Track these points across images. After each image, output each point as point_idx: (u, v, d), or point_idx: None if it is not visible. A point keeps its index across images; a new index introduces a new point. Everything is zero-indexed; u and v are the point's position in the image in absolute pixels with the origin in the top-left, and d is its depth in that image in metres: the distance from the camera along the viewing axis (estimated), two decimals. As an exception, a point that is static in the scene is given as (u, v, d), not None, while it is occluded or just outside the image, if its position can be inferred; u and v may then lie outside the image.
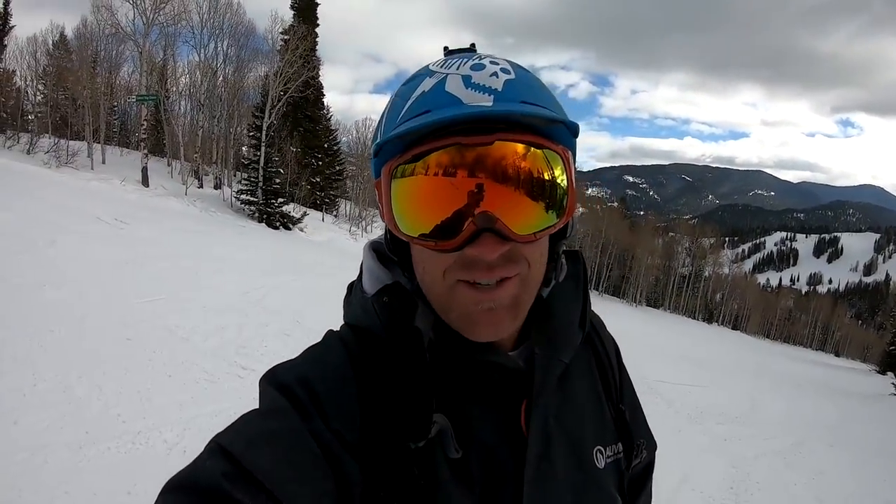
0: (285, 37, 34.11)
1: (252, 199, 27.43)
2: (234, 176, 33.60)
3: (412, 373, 0.71)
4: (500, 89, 0.66)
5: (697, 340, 26.37)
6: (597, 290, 54.94)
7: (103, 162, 30.01)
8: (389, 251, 0.79)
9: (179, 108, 38.61)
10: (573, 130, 0.70)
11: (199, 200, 26.15)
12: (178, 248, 13.14)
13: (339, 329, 0.81)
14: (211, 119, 36.08)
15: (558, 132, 0.69)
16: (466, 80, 0.66)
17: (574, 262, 0.88)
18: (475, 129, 0.63)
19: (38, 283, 7.52)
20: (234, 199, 28.38)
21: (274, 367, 0.73)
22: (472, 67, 0.68)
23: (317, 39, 39.26)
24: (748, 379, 16.53)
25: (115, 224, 14.53)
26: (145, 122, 30.07)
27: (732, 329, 62.11)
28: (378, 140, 0.69)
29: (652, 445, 1.01)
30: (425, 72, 0.71)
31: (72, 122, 35.48)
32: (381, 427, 0.68)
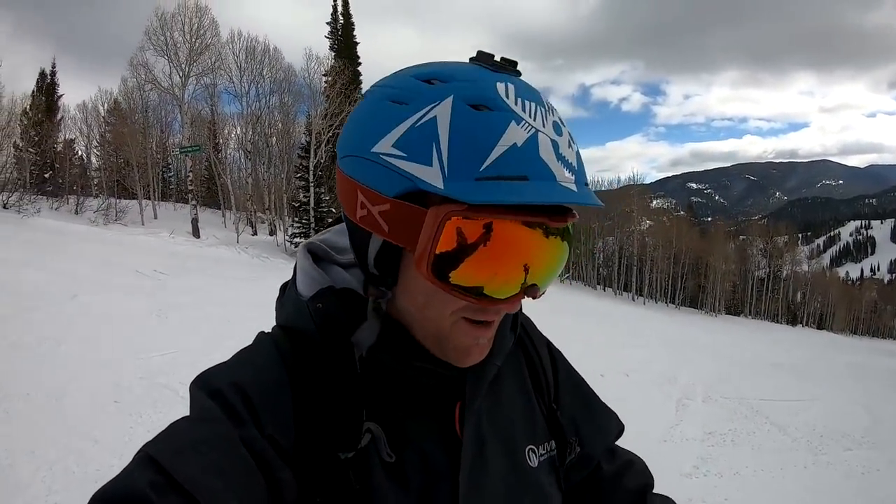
0: (327, 78, 33.78)
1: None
2: (288, 220, 33.50)
3: (343, 383, 0.72)
4: (576, 167, 0.66)
5: (786, 346, 24.42)
6: (673, 302, 53.08)
7: (155, 217, 30.41)
8: (375, 269, 0.71)
9: (227, 158, 38.96)
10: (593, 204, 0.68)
11: (252, 247, 25.83)
12: (215, 297, 12.45)
13: (270, 330, 0.80)
14: (260, 166, 36.11)
15: None
16: (556, 148, 0.64)
17: None
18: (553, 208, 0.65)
19: (37, 341, 7.06)
20: (287, 243, 28.06)
21: (205, 371, 0.71)
22: (555, 129, 0.65)
23: (360, 78, 38.85)
24: (852, 385, 14.47)
25: (154, 276, 14.22)
26: (191, 174, 30.17)
27: (818, 329, 58.33)
28: (448, 177, 0.61)
29: (606, 432, 1.02)
30: (502, 105, 0.63)
31: (126, 182, 36.12)
32: (315, 434, 0.68)
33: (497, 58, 0.69)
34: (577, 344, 12.90)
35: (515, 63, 0.70)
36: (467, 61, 0.70)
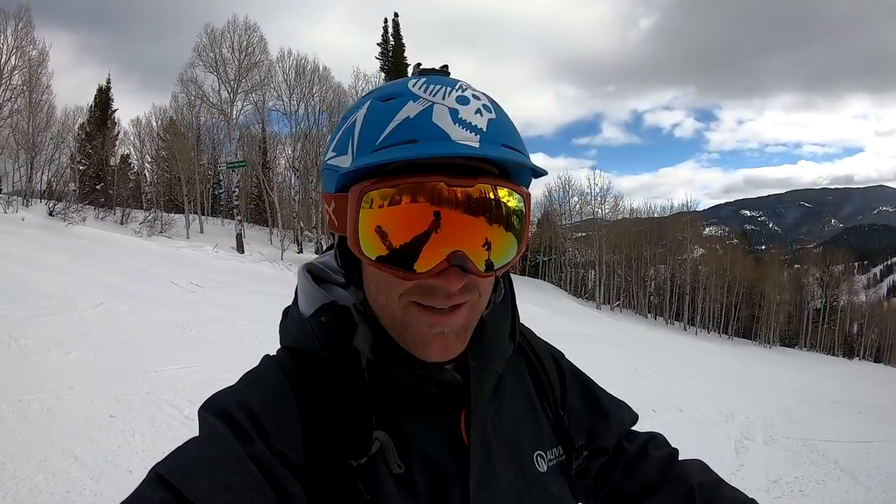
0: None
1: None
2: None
3: (351, 392, 0.73)
4: (484, 129, 0.68)
5: (845, 380, 23.11)
6: (726, 333, 51.19)
7: (201, 231, 30.75)
8: (340, 266, 0.79)
9: (276, 176, 39.24)
10: (538, 174, 0.75)
11: (295, 265, 25.49)
12: (249, 313, 12.10)
13: (275, 353, 0.82)
14: (308, 184, 36.27)
15: (524, 175, 0.76)
16: (454, 115, 0.68)
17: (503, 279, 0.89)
18: (457, 167, 0.67)
19: (47, 346, 6.82)
20: (333, 262, 27.95)
21: (213, 394, 0.73)
22: (458, 100, 0.69)
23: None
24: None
25: (189, 288, 14.17)
26: (237, 189, 30.39)
27: (875, 362, 55.62)
28: (355, 158, 0.70)
29: (619, 419, 1.04)
30: (405, 92, 0.70)
31: (175, 196, 36.72)
32: (324, 446, 0.69)
33: (426, 67, 0.77)
34: (627, 374, 12.23)
35: (445, 67, 0.79)
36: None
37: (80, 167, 31.73)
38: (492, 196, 0.68)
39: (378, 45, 37.70)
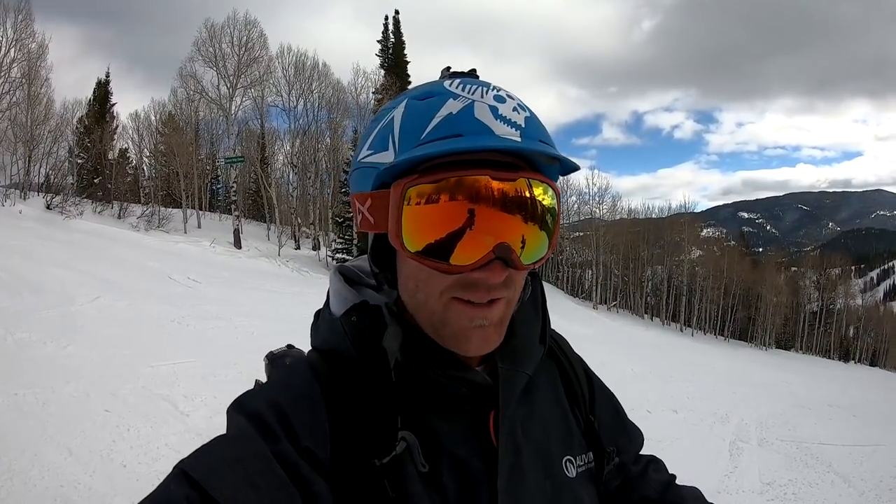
0: (378, 96, 33.70)
1: (348, 257, 26.52)
2: (332, 236, 33.33)
3: (378, 391, 0.74)
4: (523, 126, 0.70)
5: (841, 383, 23.02)
6: (722, 334, 51.18)
7: (199, 226, 30.61)
8: (374, 266, 0.79)
9: (274, 172, 39.15)
10: (571, 170, 0.75)
11: (293, 261, 25.74)
12: (246, 309, 12.08)
13: (308, 353, 0.84)
14: (306, 180, 36.19)
15: (554, 171, 0.76)
16: (494, 111, 0.70)
17: (533, 283, 0.90)
18: (500, 163, 0.70)
19: (43, 340, 6.82)
20: (329, 258, 27.90)
21: (241, 394, 0.75)
22: (496, 98, 0.71)
23: (411, 95, 38.80)
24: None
25: (186, 283, 14.13)
26: (235, 184, 30.33)
27: (871, 366, 55.50)
28: (398, 152, 0.71)
29: (636, 442, 1.07)
30: (444, 91, 0.72)
31: (173, 191, 36.58)
32: (350, 444, 0.70)
33: (452, 70, 0.79)
34: (623, 375, 12.24)
35: (474, 70, 0.80)
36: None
37: (79, 161, 31.64)
38: (528, 194, 0.70)
39: (378, 42, 37.50)
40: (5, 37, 26.50)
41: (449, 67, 0.80)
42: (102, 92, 37.84)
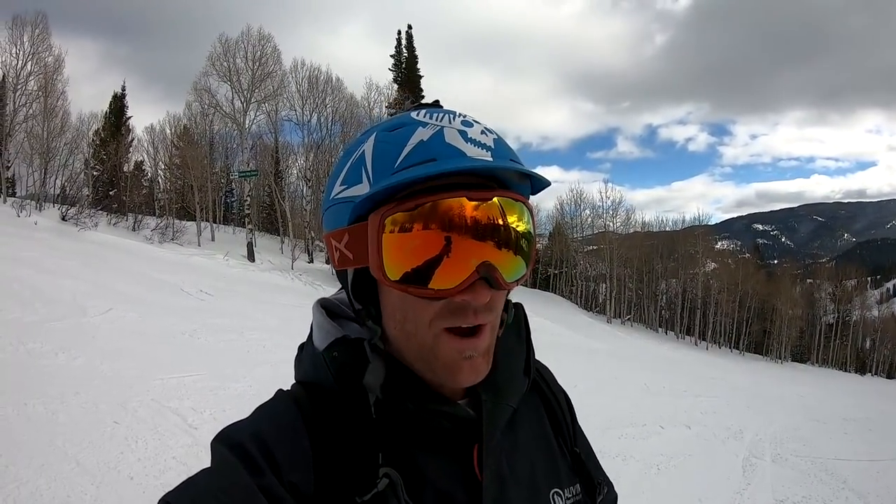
0: (391, 110, 33.88)
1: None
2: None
3: (358, 429, 0.74)
4: (492, 147, 0.72)
5: (857, 397, 22.60)
6: (737, 348, 50.76)
7: (213, 239, 30.89)
8: (356, 302, 0.79)
9: (288, 186, 39.41)
10: (543, 186, 0.78)
11: (306, 274, 25.77)
12: (257, 322, 12.09)
13: (289, 388, 0.82)
14: (319, 194, 36.39)
15: (525, 187, 0.77)
16: (463, 135, 0.71)
17: (515, 312, 0.89)
18: (474, 185, 0.70)
19: (54, 351, 6.83)
20: (342, 271, 27.98)
21: (226, 427, 0.74)
22: (463, 123, 0.73)
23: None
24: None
25: (198, 296, 14.17)
26: (248, 198, 30.55)
27: (888, 378, 54.61)
28: (373, 183, 0.71)
29: (612, 495, 1.00)
30: (412, 122, 0.74)
31: (187, 203, 36.91)
32: (333, 480, 0.70)
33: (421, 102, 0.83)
34: (636, 389, 12.13)
35: (437, 101, 0.84)
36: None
37: (94, 173, 32.02)
38: (503, 214, 0.70)
39: (391, 56, 37.76)
40: (22, 50, 27.17)
41: (413, 100, 0.77)
42: (118, 105, 38.56)
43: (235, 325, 10.96)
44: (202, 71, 31.47)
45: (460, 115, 0.75)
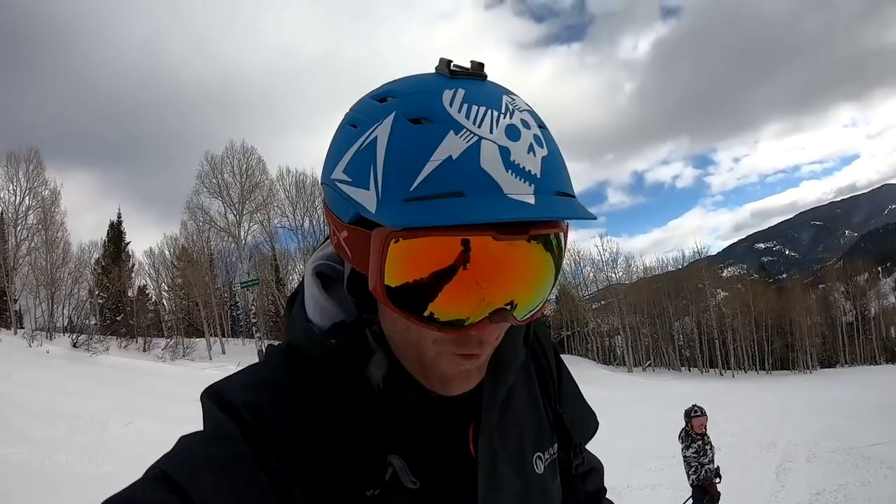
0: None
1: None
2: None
3: (361, 419, 0.69)
4: (538, 175, 0.59)
5: (887, 387, 22.06)
6: (763, 368, 50.11)
7: (223, 353, 30.80)
8: (352, 294, 0.71)
9: (289, 291, 39.54)
10: (586, 218, 0.62)
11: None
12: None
13: (284, 349, 0.75)
14: (321, 297, 36.80)
15: (566, 204, 0.62)
16: (504, 156, 0.57)
17: None
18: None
19: (80, 461, 7.11)
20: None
21: (218, 383, 0.70)
22: (508, 132, 0.58)
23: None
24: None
25: None
26: (254, 307, 30.84)
27: (919, 361, 53.47)
28: (381, 200, 0.58)
29: (591, 425, 1.03)
30: (442, 115, 0.58)
31: (194, 320, 37.33)
32: (335, 469, 0.66)
33: (454, 64, 0.62)
34: (662, 425, 11.98)
35: (481, 65, 0.63)
36: (433, 72, 0.64)
37: (99, 300, 32.43)
38: (542, 246, 0.61)
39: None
40: (19, 186, 28.10)
41: (449, 62, 0.63)
42: (115, 232, 39.36)
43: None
44: (193, 189, 32.51)
45: (507, 108, 0.60)
